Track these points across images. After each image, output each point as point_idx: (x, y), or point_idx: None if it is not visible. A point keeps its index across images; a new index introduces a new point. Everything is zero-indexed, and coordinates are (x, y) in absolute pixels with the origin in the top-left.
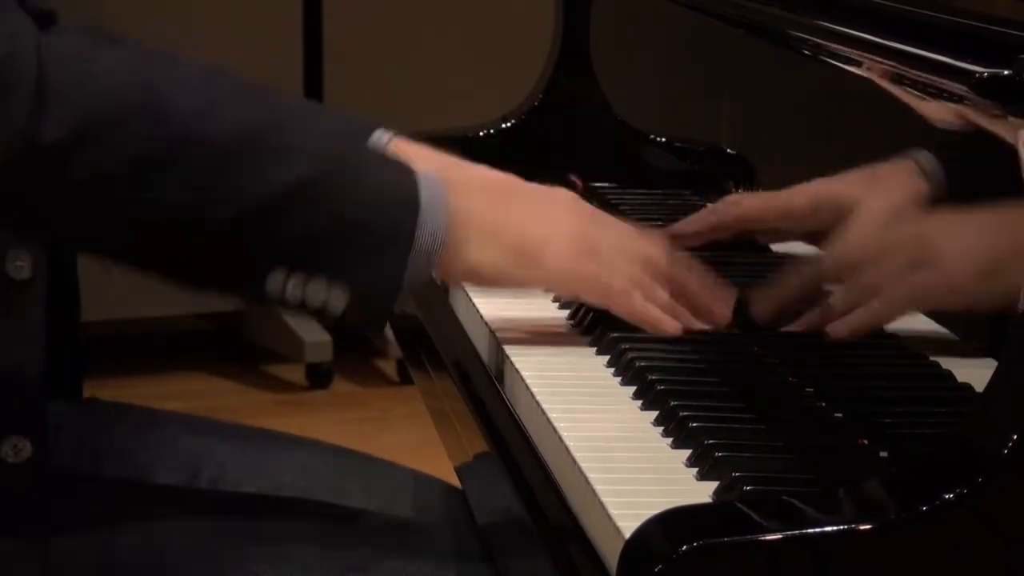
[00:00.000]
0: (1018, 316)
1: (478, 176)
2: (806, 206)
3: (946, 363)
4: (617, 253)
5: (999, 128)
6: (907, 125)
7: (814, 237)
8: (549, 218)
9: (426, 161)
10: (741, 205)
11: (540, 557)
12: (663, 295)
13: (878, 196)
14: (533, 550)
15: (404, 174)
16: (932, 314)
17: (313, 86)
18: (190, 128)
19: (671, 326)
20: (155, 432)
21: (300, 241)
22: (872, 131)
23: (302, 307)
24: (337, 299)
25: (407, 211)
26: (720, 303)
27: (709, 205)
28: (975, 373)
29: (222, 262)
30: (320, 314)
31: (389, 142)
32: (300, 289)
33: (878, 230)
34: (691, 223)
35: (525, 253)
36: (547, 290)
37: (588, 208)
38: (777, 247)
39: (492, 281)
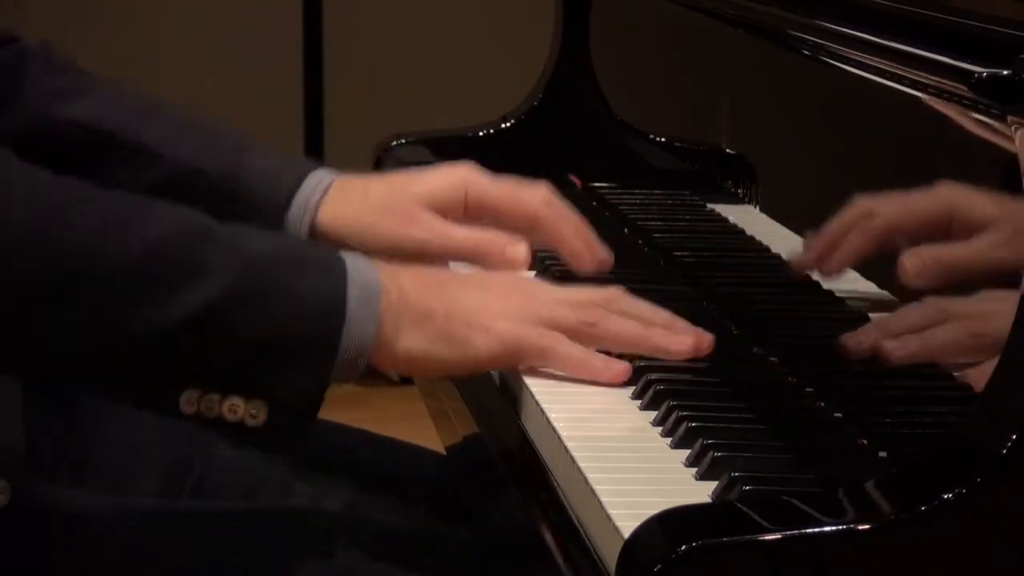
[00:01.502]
0: (1018, 317)
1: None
2: (941, 214)
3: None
4: (555, 305)
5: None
6: (907, 125)
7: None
8: (480, 295)
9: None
10: (877, 216)
11: (540, 557)
12: (624, 323)
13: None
14: (532, 550)
15: (332, 279)
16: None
17: (313, 88)
18: (88, 256)
19: (610, 376)
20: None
21: (211, 362)
22: (872, 131)
23: (219, 421)
24: (255, 414)
25: (332, 322)
26: (680, 339)
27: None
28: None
29: (132, 383)
30: (239, 429)
31: (329, 185)
32: (215, 406)
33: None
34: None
35: (455, 336)
36: (484, 370)
37: (524, 280)
38: (777, 251)
39: (424, 367)
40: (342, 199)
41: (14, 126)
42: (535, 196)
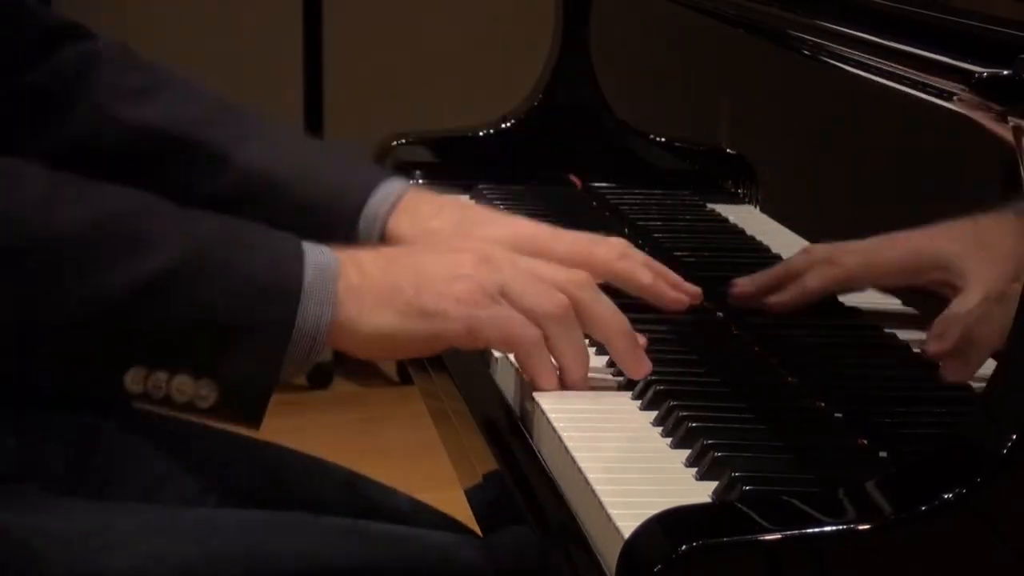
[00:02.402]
0: (1018, 317)
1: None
2: (909, 265)
3: None
4: (528, 284)
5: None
6: (907, 125)
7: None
8: (444, 265)
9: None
10: (837, 266)
11: (540, 557)
12: (578, 339)
13: (986, 266)
14: (532, 550)
15: (286, 259)
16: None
17: (313, 86)
18: (31, 227)
19: (549, 383)
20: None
21: (159, 337)
22: (872, 131)
23: (167, 403)
24: (205, 395)
25: (284, 299)
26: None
27: (788, 261)
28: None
29: (76, 361)
30: (188, 410)
31: (401, 195)
32: (163, 385)
33: (985, 309)
34: (770, 290)
35: (426, 308)
36: (458, 343)
37: (497, 251)
38: (777, 249)
39: (394, 345)
40: (415, 211)
41: (82, 127)
42: (610, 251)
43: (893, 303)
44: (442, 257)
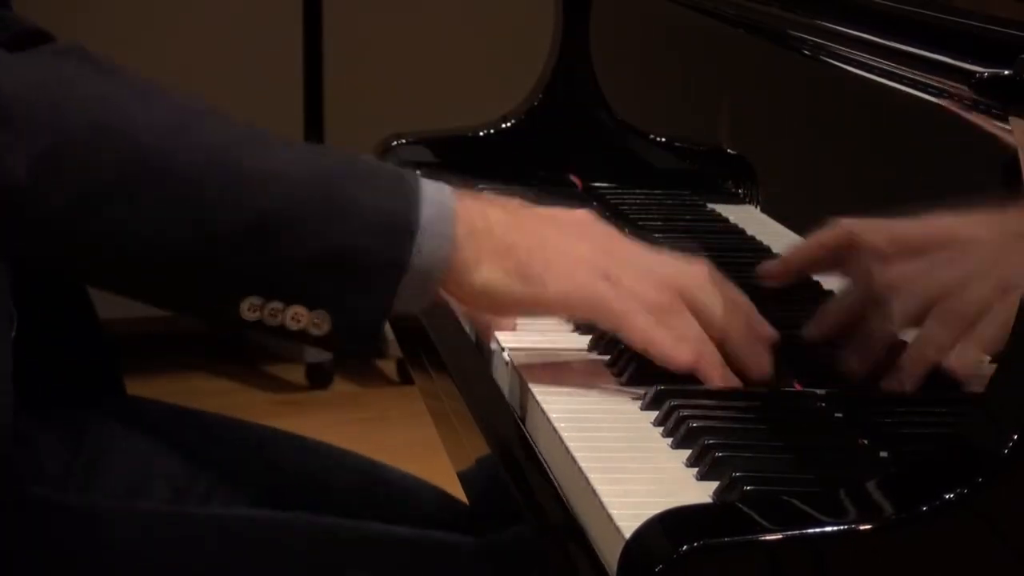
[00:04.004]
0: (1018, 317)
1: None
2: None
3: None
4: (638, 277)
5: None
6: (907, 125)
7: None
8: (563, 237)
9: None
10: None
11: (540, 557)
12: (691, 325)
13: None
14: (532, 550)
15: (404, 194)
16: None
17: (313, 87)
18: (160, 153)
19: (682, 359)
20: (155, 433)
21: (277, 269)
22: (872, 131)
23: (281, 331)
24: (318, 325)
25: (400, 236)
26: (762, 359)
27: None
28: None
29: (190, 287)
30: (300, 337)
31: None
32: (279, 315)
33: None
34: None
35: (531, 274)
36: (554, 313)
37: (609, 230)
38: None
39: (496, 302)
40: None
41: None
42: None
43: None
44: (561, 236)
